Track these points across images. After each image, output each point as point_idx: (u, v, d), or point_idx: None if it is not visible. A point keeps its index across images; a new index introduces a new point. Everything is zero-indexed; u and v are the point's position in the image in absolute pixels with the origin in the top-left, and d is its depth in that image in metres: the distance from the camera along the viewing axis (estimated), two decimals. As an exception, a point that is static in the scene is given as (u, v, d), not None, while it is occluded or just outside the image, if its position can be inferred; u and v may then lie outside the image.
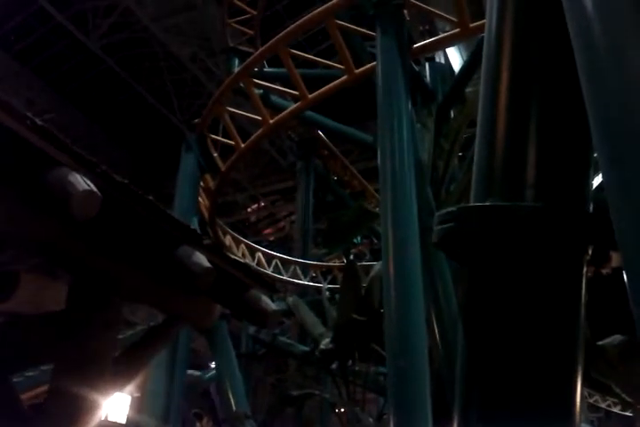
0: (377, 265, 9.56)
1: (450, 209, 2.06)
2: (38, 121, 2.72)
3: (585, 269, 2.01)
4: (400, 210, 7.02)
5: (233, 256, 4.07)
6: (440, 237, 2.08)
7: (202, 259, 3.38)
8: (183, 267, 3.32)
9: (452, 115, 10.38)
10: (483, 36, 8.28)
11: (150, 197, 3.33)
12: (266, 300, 4.00)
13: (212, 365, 17.61)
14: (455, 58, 16.12)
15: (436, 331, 7.02)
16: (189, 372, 10.83)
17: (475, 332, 2.04)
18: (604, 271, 2.13)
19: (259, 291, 4.01)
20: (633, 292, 1.41)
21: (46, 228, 2.97)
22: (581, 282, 2.00)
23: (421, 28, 15.51)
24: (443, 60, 13.81)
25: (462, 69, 11.47)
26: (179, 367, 8.86)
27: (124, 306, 3.46)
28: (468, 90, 12.82)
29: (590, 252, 2.00)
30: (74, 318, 3.31)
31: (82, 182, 2.72)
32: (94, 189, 2.73)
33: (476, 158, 2.15)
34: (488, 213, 1.98)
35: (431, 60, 12.59)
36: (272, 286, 4.30)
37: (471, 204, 2.09)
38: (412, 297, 6.50)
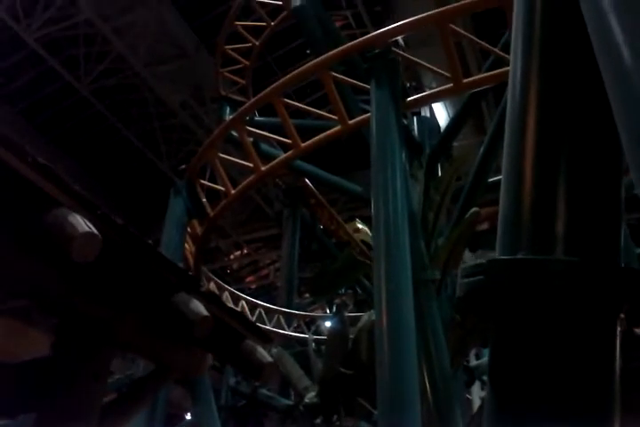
0: (364, 316, 9.43)
1: (478, 261, 1.99)
2: (40, 159, 2.63)
3: (619, 328, 1.92)
4: (393, 261, 6.96)
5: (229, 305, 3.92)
6: (467, 291, 2.01)
7: (199, 306, 3.24)
8: (180, 314, 3.18)
9: (440, 168, 10.49)
10: (472, 93, 8.48)
11: (149, 241, 3.21)
12: (261, 351, 3.83)
13: (188, 416, 17.04)
14: (440, 112, 16.50)
15: (427, 385, 6.85)
16: None
17: (503, 390, 1.93)
18: (638, 331, 2.03)
19: (254, 342, 3.85)
20: None
21: (37, 268, 2.83)
22: (615, 341, 1.91)
23: (408, 84, 15.94)
24: (428, 114, 14.13)
25: (450, 124, 11.69)
26: (158, 418, 8.51)
27: (114, 356, 3.29)
28: (455, 144, 13.04)
29: (625, 309, 1.91)
30: (59, 367, 3.12)
31: (82, 224, 2.62)
32: (95, 231, 2.62)
33: (501, 208, 2.06)
34: (520, 266, 1.89)
35: (417, 113, 12.84)
36: (268, 338, 4.15)
37: (499, 256, 1.99)
38: (405, 350, 6.36)
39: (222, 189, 9.48)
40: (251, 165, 9.11)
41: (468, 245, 9.68)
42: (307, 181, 15.37)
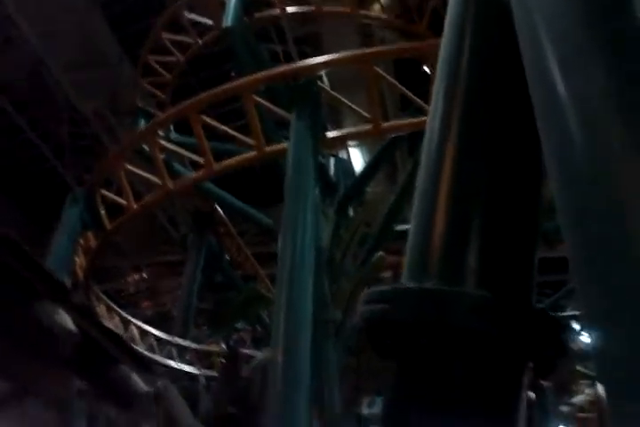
0: (260, 355, 9.05)
1: (383, 288, 1.77)
2: None
3: (526, 377, 1.71)
4: (295, 298, 6.74)
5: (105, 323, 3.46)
6: (368, 320, 1.75)
7: (66, 320, 2.78)
8: (42, 327, 2.71)
9: (352, 211, 10.57)
10: (388, 141, 8.67)
11: (15, 238, 2.73)
12: (136, 379, 3.37)
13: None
14: (357, 159, 16.73)
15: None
16: None
17: None
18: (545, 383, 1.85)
19: (130, 367, 3.39)
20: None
21: None
22: (521, 392, 1.69)
23: (329, 127, 16.09)
24: (345, 158, 14.29)
25: (366, 168, 11.89)
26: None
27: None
28: (368, 190, 13.19)
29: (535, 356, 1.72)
30: None
31: None
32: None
33: (411, 233, 1.87)
34: (428, 296, 1.67)
35: (334, 155, 12.92)
36: (147, 366, 3.68)
37: (406, 284, 1.76)
38: (298, 391, 6.01)
39: (124, 202, 8.92)
40: (159, 181, 8.65)
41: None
42: (217, 207, 14.92)
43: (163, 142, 8.92)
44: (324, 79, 10.76)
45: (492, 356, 1.63)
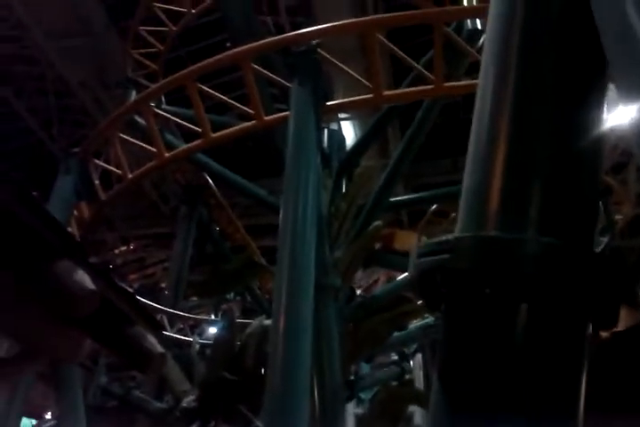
0: (255, 322, 9.12)
1: (440, 239, 1.67)
2: None
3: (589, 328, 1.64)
4: (298, 264, 6.73)
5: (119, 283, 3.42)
6: (425, 270, 1.66)
7: (85, 279, 2.75)
8: (61, 286, 2.68)
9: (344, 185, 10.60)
10: (382, 112, 8.55)
11: (34, 194, 2.69)
12: (152, 340, 3.36)
13: (48, 416, 15.78)
14: (349, 132, 16.66)
15: (316, 392, 6.60)
16: None
17: (452, 391, 1.60)
18: (605, 335, 1.77)
19: (144, 328, 3.38)
20: None
21: None
22: (585, 342, 1.63)
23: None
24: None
25: (360, 140, 11.88)
26: (13, 417, 7.60)
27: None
28: (362, 164, 13.21)
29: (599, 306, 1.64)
30: None
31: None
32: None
33: (467, 181, 1.78)
34: (492, 244, 1.59)
35: (326, 128, 12.86)
36: (160, 325, 3.67)
37: (463, 233, 1.68)
38: (299, 355, 6.07)
39: (119, 171, 8.81)
40: (154, 149, 8.54)
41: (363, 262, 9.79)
42: (208, 179, 14.85)
43: (158, 111, 8.77)
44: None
45: (558, 304, 1.58)
